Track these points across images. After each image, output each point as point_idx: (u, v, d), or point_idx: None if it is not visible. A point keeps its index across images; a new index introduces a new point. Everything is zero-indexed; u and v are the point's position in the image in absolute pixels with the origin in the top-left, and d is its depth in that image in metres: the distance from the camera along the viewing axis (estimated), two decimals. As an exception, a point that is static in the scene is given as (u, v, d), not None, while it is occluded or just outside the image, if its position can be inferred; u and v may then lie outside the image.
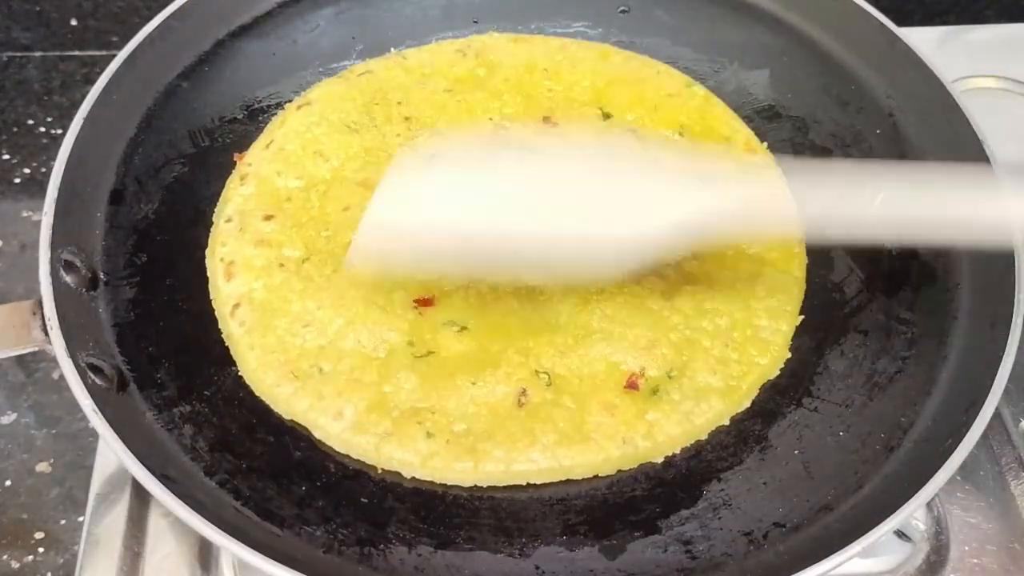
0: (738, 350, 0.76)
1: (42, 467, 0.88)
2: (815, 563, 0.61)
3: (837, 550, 0.61)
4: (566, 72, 0.94)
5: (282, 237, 0.81)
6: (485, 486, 0.70)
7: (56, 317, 0.69)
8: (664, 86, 0.94)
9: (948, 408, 0.72)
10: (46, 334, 0.69)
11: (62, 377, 0.70)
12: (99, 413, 0.65)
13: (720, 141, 0.89)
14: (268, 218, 0.82)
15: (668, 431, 0.72)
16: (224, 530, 0.61)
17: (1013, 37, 1.19)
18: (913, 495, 0.63)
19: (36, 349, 0.71)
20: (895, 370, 0.76)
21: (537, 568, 0.66)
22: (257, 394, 0.74)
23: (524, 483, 0.70)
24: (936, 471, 0.64)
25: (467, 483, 0.70)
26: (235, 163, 0.87)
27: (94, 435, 0.86)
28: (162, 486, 0.62)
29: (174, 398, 0.73)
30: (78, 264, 0.76)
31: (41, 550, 0.83)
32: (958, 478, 0.80)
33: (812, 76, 0.94)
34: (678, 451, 0.72)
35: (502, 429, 0.71)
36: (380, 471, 0.70)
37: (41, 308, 0.70)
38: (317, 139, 0.88)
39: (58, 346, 0.68)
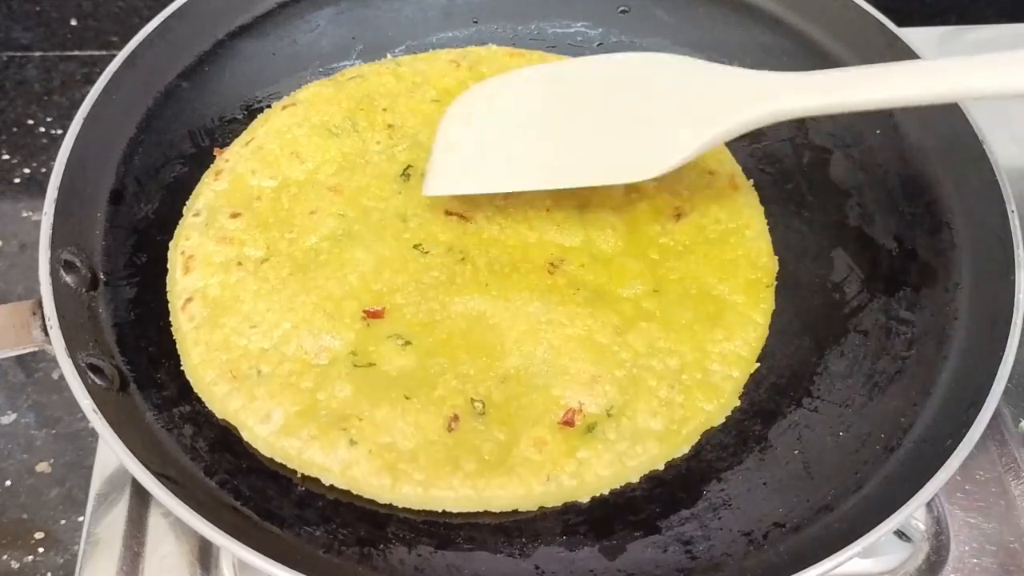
0: (684, 393, 0.74)
1: (42, 467, 0.88)
2: (815, 563, 0.61)
3: (837, 550, 0.61)
4: None
5: (245, 236, 0.81)
6: (400, 506, 0.69)
7: (56, 317, 0.69)
8: None
9: (948, 408, 0.72)
10: (46, 334, 0.69)
11: (62, 377, 0.70)
12: (99, 413, 0.65)
13: (703, 175, 0.88)
14: (235, 216, 0.82)
15: (598, 471, 0.69)
16: (224, 530, 0.61)
17: (1013, 37, 1.19)
18: (913, 495, 0.63)
19: (36, 349, 0.71)
20: (895, 370, 0.76)
21: (537, 568, 0.66)
22: (195, 390, 0.73)
23: (440, 510, 0.68)
24: (936, 471, 0.64)
25: (383, 500, 0.68)
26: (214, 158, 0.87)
27: (94, 435, 0.86)
28: (162, 486, 0.62)
29: (174, 398, 0.73)
30: (78, 264, 0.76)
31: (41, 550, 0.83)
32: (958, 478, 0.81)
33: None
34: (606, 492, 0.70)
35: (426, 452, 0.69)
36: (299, 476, 0.69)
37: (41, 308, 0.70)
38: (296, 140, 0.88)
39: (58, 346, 0.68)
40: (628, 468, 0.70)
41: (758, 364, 0.77)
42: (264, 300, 0.77)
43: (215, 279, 0.78)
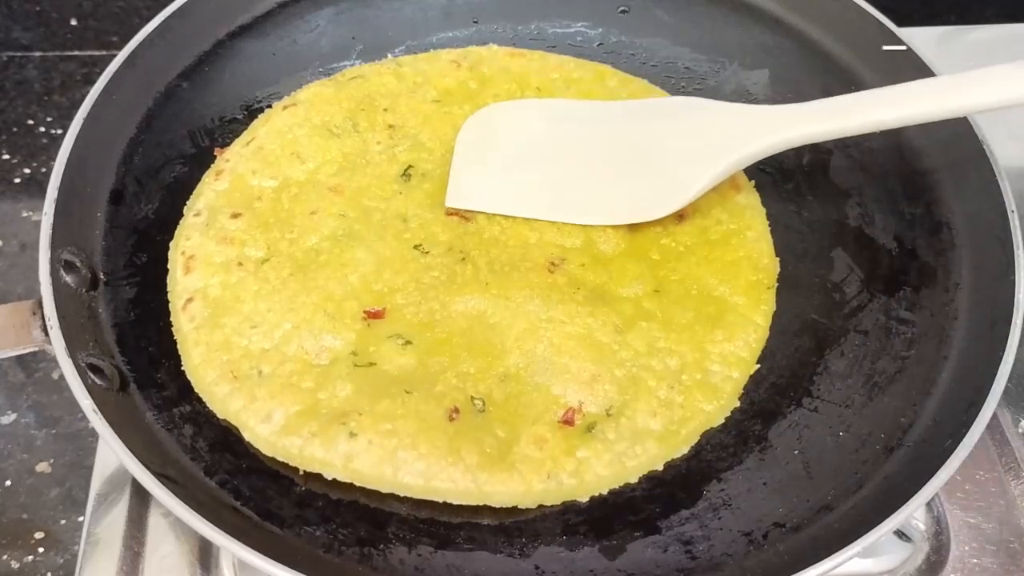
0: (684, 393, 0.74)
1: (42, 467, 0.88)
2: (815, 563, 0.61)
3: (837, 550, 0.61)
4: (559, 92, 0.93)
5: (246, 236, 0.81)
6: (402, 496, 0.69)
7: (56, 317, 0.69)
8: None
9: (948, 408, 0.72)
10: (46, 334, 0.69)
11: (62, 377, 0.70)
12: (99, 413, 0.65)
13: None
14: (235, 216, 0.82)
15: (597, 471, 0.69)
16: (224, 530, 0.61)
17: (1013, 37, 1.19)
18: (913, 495, 0.63)
19: (36, 349, 0.71)
20: (895, 370, 0.76)
21: (537, 568, 0.66)
22: (196, 391, 0.73)
23: (441, 501, 0.69)
24: (936, 471, 0.64)
25: (385, 489, 0.69)
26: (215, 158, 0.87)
27: (94, 435, 0.86)
28: (162, 486, 0.62)
29: (174, 398, 0.73)
30: (78, 264, 0.76)
31: (41, 550, 0.83)
32: (958, 478, 0.80)
33: (812, 76, 0.94)
34: (605, 492, 0.70)
35: (427, 439, 0.69)
36: (301, 475, 0.69)
37: (41, 308, 0.70)
38: (297, 140, 0.87)
39: (58, 346, 0.68)
40: (627, 468, 0.70)
41: (758, 365, 0.77)
42: (265, 300, 0.77)
43: (216, 279, 0.78)
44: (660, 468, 0.71)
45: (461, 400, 0.72)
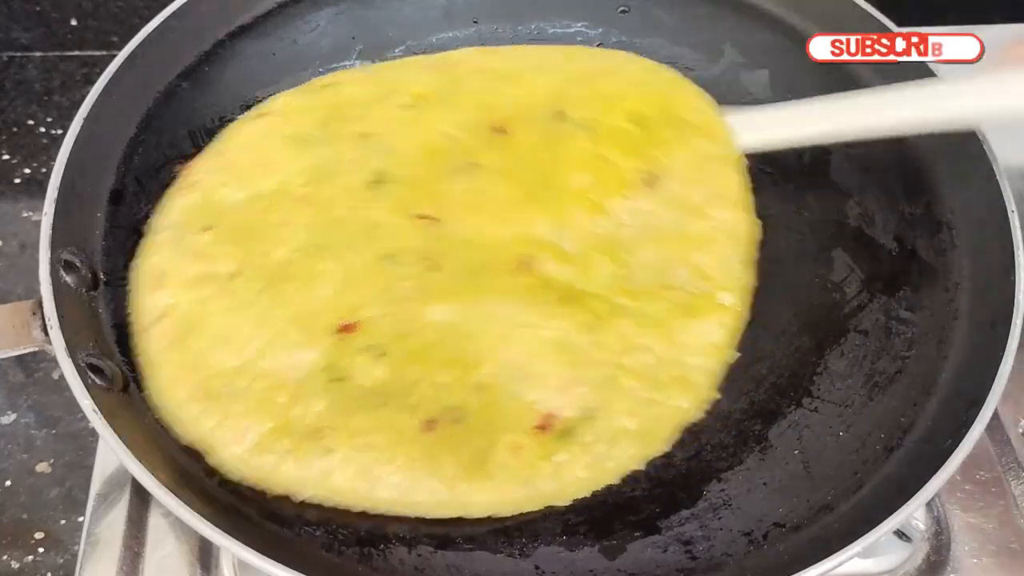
0: (661, 391, 0.72)
1: (42, 467, 0.88)
2: (815, 563, 0.61)
3: (837, 550, 0.61)
4: (528, 77, 0.90)
5: (216, 250, 0.77)
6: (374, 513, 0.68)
7: (56, 317, 0.69)
8: (626, 75, 0.90)
9: (948, 408, 0.72)
10: (46, 334, 0.69)
11: (62, 377, 0.70)
12: (99, 413, 0.65)
13: (679, 128, 0.86)
14: (205, 229, 0.79)
15: (576, 473, 0.68)
16: (224, 530, 0.61)
17: (1013, 37, 1.19)
18: (913, 495, 0.63)
19: (36, 349, 0.71)
20: (895, 370, 0.76)
21: (537, 568, 0.66)
22: (161, 414, 0.70)
23: (414, 516, 0.68)
24: (936, 471, 0.64)
25: (357, 508, 0.67)
26: (177, 173, 0.85)
27: (94, 435, 0.86)
28: (162, 486, 0.62)
29: (174, 398, 0.73)
30: (78, 264, 0.76)
31: (41, 550, 0.83)
32: (958, 478, 0.81)
33: (812, 76, 0.94)
34: (588, 495, 0.69)
35: (404, 451, 0.68)
36: (269, 497, 0.68)
37: (41, 308, 0.70)
38: (267, 151, 0.84)
39: (58, 346, 0.68)
40: (607, 470, 0.69)
41: (739, 353, 0.76)
42: (236, 315, 0.74)
43: (186, 295, 0.75)
44: (642, 467, 0.70)
45: (436, 411, 0.70)
